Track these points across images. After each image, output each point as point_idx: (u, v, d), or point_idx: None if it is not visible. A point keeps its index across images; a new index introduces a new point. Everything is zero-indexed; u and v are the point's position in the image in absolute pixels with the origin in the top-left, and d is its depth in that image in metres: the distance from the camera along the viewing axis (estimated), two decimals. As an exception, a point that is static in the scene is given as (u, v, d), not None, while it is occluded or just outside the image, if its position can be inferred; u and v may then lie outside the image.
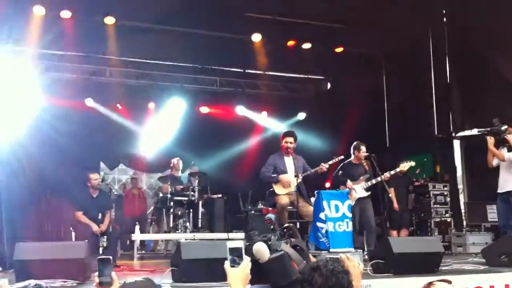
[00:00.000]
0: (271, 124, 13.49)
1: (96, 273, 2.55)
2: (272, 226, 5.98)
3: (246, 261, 2.43)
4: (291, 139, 7.75)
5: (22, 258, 5.33)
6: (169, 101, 12.61)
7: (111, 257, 2.64)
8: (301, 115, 13.74)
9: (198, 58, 12.15)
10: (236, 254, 2.45)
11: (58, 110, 11.16)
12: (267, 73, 13.01)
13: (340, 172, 8.13)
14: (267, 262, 2.81)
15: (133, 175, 14.09)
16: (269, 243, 2.87)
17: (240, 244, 2.48)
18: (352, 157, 8.25)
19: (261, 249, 2.79)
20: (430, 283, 2.70)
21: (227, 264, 2.45)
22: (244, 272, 2.42)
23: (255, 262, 2.87)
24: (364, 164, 8.13)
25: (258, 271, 2.91)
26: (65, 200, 8.68)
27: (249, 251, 2.96)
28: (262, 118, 13.61)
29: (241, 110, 13.45)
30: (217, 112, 13.37)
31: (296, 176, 7.38)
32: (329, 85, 13.99)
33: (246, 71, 13.07)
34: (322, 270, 2.41)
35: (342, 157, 7.71)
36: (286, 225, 3.51)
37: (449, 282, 2.78)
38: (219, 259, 3.27)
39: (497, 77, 10.17)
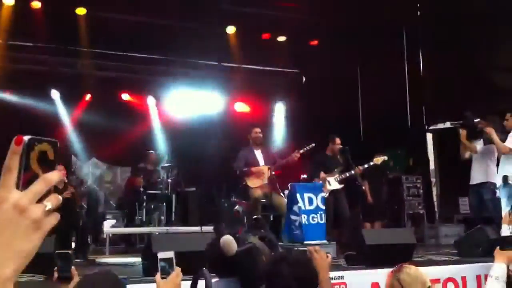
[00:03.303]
0: (246, 116, 13.39)
1: (55, 268, 2.49)
2: (241, 219, 5.97)
3: (176, 272, 2.35)
4: (258, 129, 7.78)
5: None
6: (140, 93, 12.43)
7: (70, 252, 2.59)
8: (277, 108, 13.71)
9: (171, 51, 11.99)
10: (167, 264, 2.38)
11: (26, 102, 10.96)
12: (242, 66, 12.91)
13: (314, 164, 8.14)
14: (235, 255, 2.76)
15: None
16: (237, 236, 2.81)
17: (171, 254, 2.39)
18: (327, 149, 8.26)
19: (228, 242, 2.73)
20: (401, 266, 2.69)
21: (158, 275, 2.37)
22: (174, 283, 2.31)
23: (223, 255, 2.82)
24: (339, 156, 8.16)
25: (226, 264, 2.86)
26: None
27: (216, 245, 2.91)
28: (236, 111, 13.50)
29: (216, 103, 13.30)
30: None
31: (269, 168, 7.34)
32: (304, 79, 13.97)
33: (221, 63, 12.95)
34: (289, 259, 2.38)
35: (313, 144, 7.65)
36: (254, 216, 3.47)
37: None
38: (192, 252, 3.19)
39: (470, 70, 10.27)
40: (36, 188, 0.89)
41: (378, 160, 8.28)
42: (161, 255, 2.35)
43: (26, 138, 0.89)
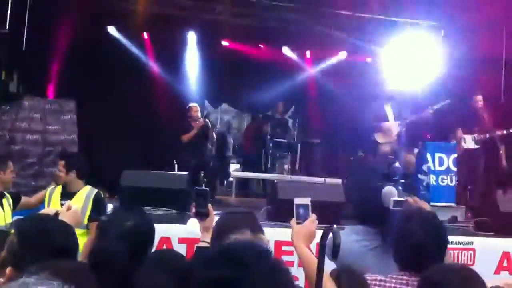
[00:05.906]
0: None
1: (193, 204, 2.58)
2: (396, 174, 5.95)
3: (312, 219, 2.32)
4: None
5: (128, 184, 5.60)
6: (275, 43, 12.44)
7: (208, 189, 2.66)
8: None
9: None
10: (302, 211, 2.34)
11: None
12: (376, 16, 12.38)
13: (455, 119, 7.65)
14: (389, 207, 2.74)
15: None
16: None
17: (307, 201, 2.36)
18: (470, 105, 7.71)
19: (391, 193, 2.73)
20: None
21: (293, 220, 2.35)
22: (309, 229, 2.30)
23: (376, 204, 2.81)
24: (481, 114, 7.56)
25: (375, 213, 2.85)
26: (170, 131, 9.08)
27: (368, 194, 2.90)
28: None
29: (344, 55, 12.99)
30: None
31: (399, 124, 7.10)
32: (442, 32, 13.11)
33: (355, 14, 12.50)
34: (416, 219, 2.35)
35: (448, 101, 7.20)
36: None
37: None
38: (314, 202, 3.23)
39: None
40: None
41: None
42: (297, 200, 2.34)
43: None
